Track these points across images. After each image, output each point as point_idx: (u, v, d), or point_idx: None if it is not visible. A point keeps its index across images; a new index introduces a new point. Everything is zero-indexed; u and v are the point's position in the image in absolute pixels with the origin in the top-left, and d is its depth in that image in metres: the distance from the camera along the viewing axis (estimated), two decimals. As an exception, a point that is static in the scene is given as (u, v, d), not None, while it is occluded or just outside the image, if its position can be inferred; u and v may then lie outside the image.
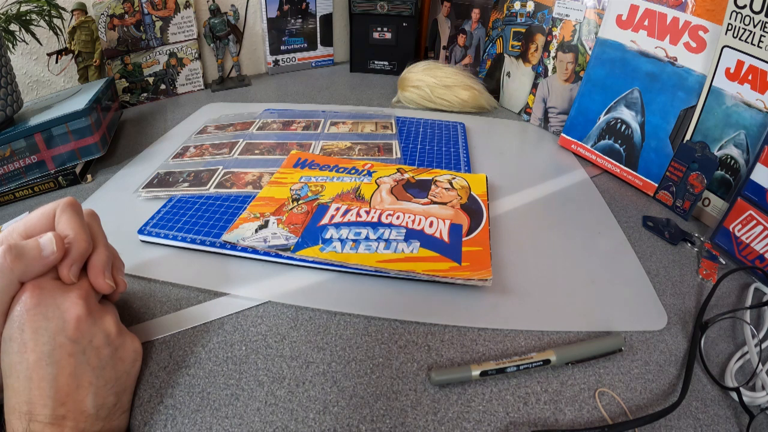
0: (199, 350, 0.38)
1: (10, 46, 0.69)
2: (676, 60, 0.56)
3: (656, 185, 0.59)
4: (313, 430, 0.33)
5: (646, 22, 0.59)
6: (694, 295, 0.45)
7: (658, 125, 0.59)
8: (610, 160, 0.65)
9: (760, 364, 0.37)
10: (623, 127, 0.63)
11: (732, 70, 0.50)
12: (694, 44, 0.54)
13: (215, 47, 0.92)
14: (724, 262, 0.49)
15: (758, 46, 0.47)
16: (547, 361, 0.36)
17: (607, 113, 0.64)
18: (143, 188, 0.57)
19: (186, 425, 0.33)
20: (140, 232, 0.49)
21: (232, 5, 0.92)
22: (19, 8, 0.69)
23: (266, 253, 0.46)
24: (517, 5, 0.79)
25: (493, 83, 0.87)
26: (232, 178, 0.59)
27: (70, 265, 0.32)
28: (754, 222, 0.47)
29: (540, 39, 0.76)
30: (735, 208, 0.49)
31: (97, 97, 0.64)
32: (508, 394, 0.35)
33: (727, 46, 0.50)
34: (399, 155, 0.66)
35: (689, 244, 0.52)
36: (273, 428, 0.33)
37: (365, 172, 0.58)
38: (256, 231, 0.47)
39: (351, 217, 0.49)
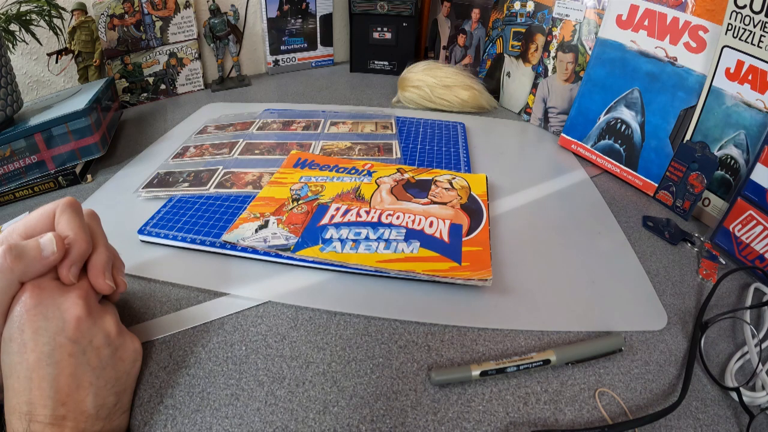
0: (199, 350, 0.38)
1: (10, 46, 0.69)
2: (676, 60, 0.56)
3: (656, 185, 0.59)
4: (313, 430, 0.33)
5: (646, 22, 0.59)
6: (694, 295, 0.45)
7: (658, 125, 0.59)
8: (610, 160, 0.65)
9: (760, 364, 0.37)
10: (623, 127, 0.63)
11: (732, 70, 0.50)
12: (694, 44, 0.54)
13: (215, 47, 0.92)
14: (724, 262, 0.49)
15: (758, 46, 0.47)
16: (547, 361, 0.36)
17: (607, 113, 0.64)
18: (143, 188, 0.57)
19: (186, 425, 0.33)
20: (140, 232, 0.49)
21: (232, 5, 0.92)
22: (19, 8, 0.69)
23: (266, 253, 0.46)
24: (517, 5, 0.79)
25: (493, 83, 0.87)
26: (232, 178, 0.59)
27: (70, 266, 0.32)
28: (754, 222, 0.47)
29: (540, 39, 0.76)
30: (735, 208, 0.49)
31: (97, 97, 0.64)
32: (508, 394, 0.35)
33: (727, 46, 0.50)
34: (399, 155, 0.66)
35: (689, 244, 0.52)
36: (273, 428, 0.33)
37: (365, 172, 0.58)
38: (256, 231, 0.47)
39: (351, 217, 0.49)
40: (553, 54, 0.73)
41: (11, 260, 0.29)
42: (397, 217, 0.49)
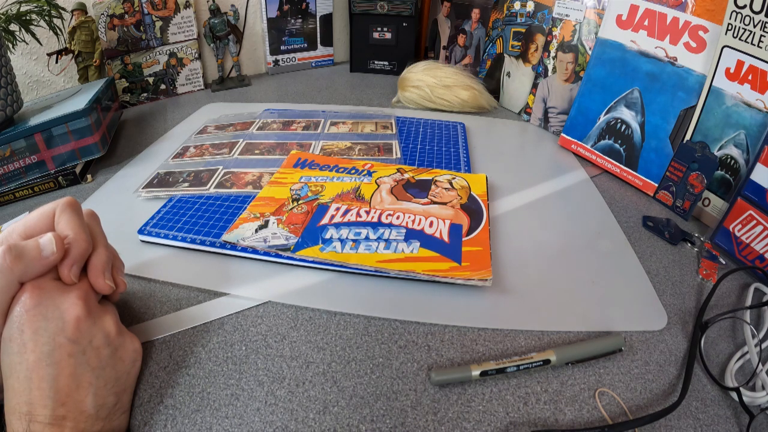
0: (199, 350, 0.38)
1: (10, 46, 0.69)
2: (676, 60, 0.56)
3: (656, 185, 0.59)
4: (313, 430, 0.33)
5: (646, 22, 0.59)
6: (694, 295, 0.45)
7: (658, 125, 0.59)
8: (610, 160, 0.65)
9: (760, 364, 0.37)
10: (623, 127, 0.63)
11: (732, 70, 0.50)
12: (694, 44, 0.54)
13: (215, 47, 0.92)
14: (724, 262, 0.49)
15: (758, 46, 0.47)
16: (547, 361, 0.36)
17: (607, 113, 0.64)
18: (143, 188, 0.57)
19: (186, 425, 0.33)
20: (140, 232, 0.49)
21: (232, 5, 0.92)
22: (19, 8, 0.69)
23: (266, 253, 0.46)
24: (517, 5, 0.79)
25: (493, 83, 0.87)
26: (232, 178, 0.59)
27: (71, 266, 0.32)
28: (754, 222, 0.47)
29: (540, 39, 0.76)
30: (735, 208, 0.49)
31: (97, 97, 0.64)
32: (508, 394, 0.35)
33: (727, 46, 0.50)
34: (399, 155, 0.66)
35: (689, 244, 0.52)
36: (273, 428, 0.33)
37: (365, 172, 0.58)
38: (256, 231, 0.47)
39: (351, 217, 0.49)
40: (553, 54, 0.73)
41: (11, 260, 0.29)
42: (397, 217, 0.49)
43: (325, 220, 0.49)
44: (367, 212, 0.50)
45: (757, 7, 0.46)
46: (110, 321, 0.33)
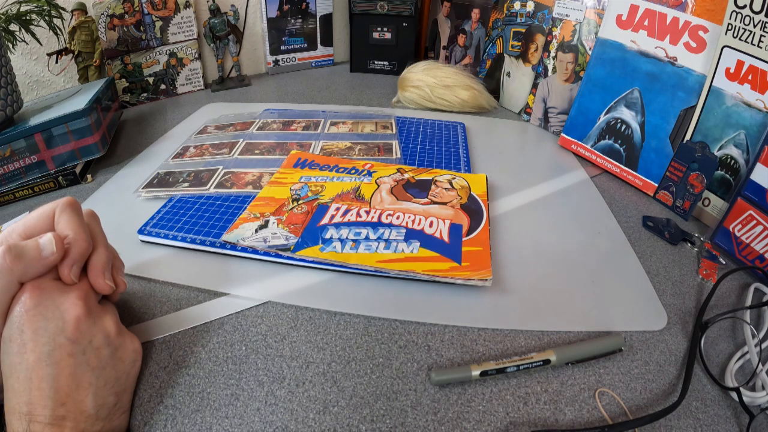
0: (199, 350, 0.38)
1: (10, 46, 0.69)
2: (676, 60, 0.56)
3: (656, 185, 0.59)
4: (313, 430, 0.33)
5: (646, 22, 0.59)
6: (694, 295, 0.45)
7: (658, 125, 0.59)
8: (610, 160, 0.65)
9: (760, 364, 0.37)
10: (623, 127, 0.63)
11: (732, 70, 0.50)
12: (694, 44, 0.54)
13: (215, 47, 0.92)
14: (724, 262, 0.49)
15: (758, 46, 0.47)
16: (547, 361, 0.36)
17: (607, 113, 0.64)
18: (143, 188, 0.57)
19: (186, 425, 0.33)
20: (140, 232, 0.49)
21: (232, 5, 0.92)
22: (19, 8, 0.69)
23: (266, 253, 0.46)
24: (517, 5, 0.79)
25: (493, 83, 0.87)
26: (232, 178, 0.59)
27: (71, 266, 0.32)
28: (754, 222, 0.47)
29: (540, 39, 0.76)
30: (735, 208, 0.49)
31: (97, 97, 0.64)
32: (508, 394, 0.35)
33: (727, 46, 0.50)
34: (399, 155, 0.66)
35: (689, 244, 0.52)
36: (273, 428, 0.33)
37: (365, 172, 0.58)
38: (256, 231, 0.47)
39: (351, 217, 0.49)
40: (553, 54, 0.73)
41: (11, 260, 0.29)
42: (397, 217, 0.49)
43: (325, 220, 0.49)
44: (367, 212, 0.50)
45: (757, 7, 0.46)
46: (110, 321, 0.33)
